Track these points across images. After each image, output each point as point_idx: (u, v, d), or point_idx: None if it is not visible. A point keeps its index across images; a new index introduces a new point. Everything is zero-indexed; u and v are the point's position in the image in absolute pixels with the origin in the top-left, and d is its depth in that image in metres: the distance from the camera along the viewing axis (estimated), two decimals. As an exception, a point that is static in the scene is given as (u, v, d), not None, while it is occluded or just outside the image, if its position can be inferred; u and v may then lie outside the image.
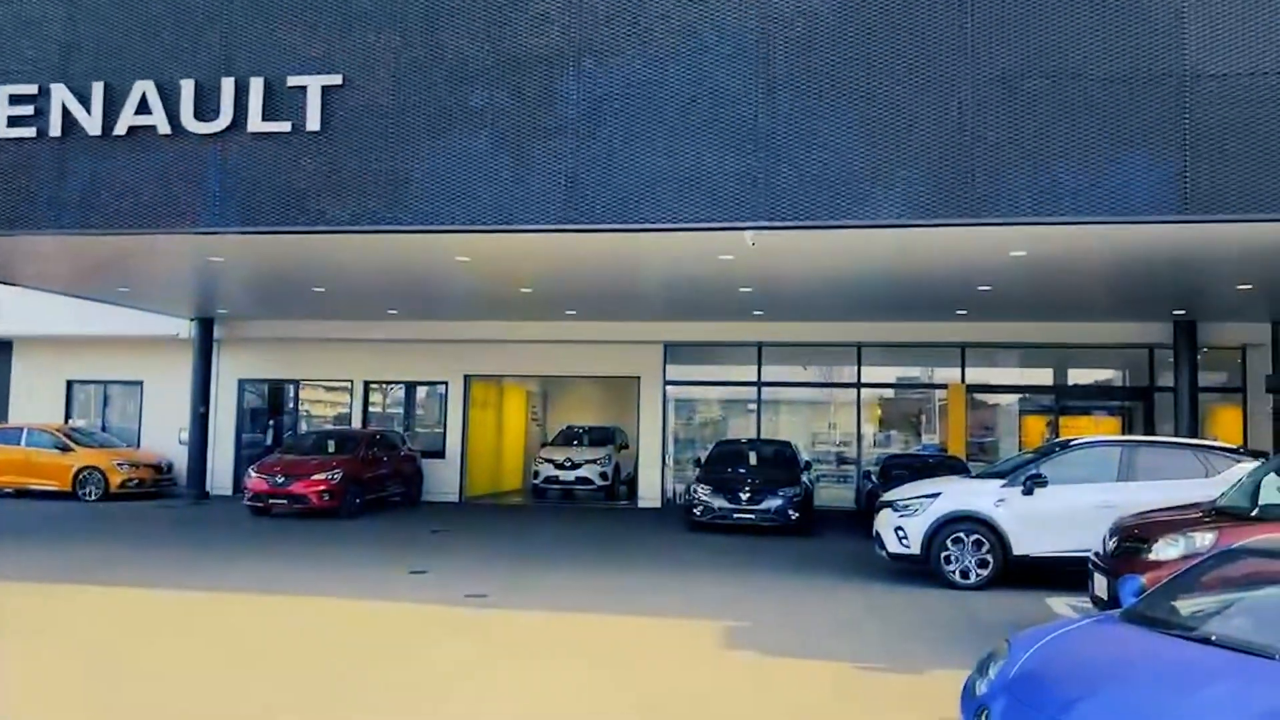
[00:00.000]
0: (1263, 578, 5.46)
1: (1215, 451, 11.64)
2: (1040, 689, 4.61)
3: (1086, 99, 10.07)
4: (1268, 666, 4.46)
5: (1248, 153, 9.86)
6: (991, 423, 22.06)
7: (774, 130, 10.53)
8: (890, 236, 11.12)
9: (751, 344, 20.84)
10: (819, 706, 6.67)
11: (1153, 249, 11.89)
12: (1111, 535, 9.03)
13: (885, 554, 11.96)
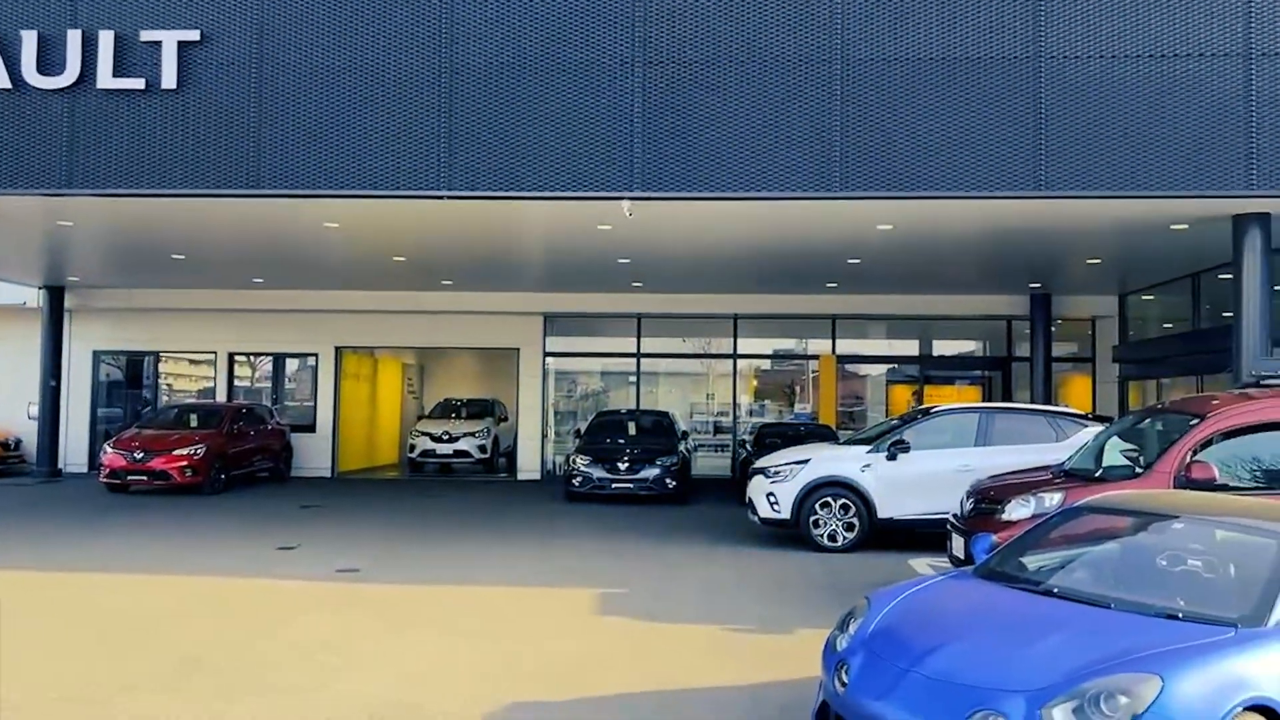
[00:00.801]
0: (1102, 533, 5.81)
1: (1065, 417, 12.31)
2: (896, 642, 4.80)
3: (948, 78, 10.42)
4: (1103, 615, 4.75)
5: (1098, 133, 10.39)
6: (861, 392, 22.78)
7: (650, 102, 10.55)
8: (763, 209, 11.30)
9: (631, 315, 20.94)
10: (690, 668, 6.80)
11: (1010, 224, 12.43)
12: (968, 497, 9.45)
13: (757, 519, 12.25)
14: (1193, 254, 14.24)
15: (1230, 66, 10.28)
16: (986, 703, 4.19)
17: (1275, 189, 10.33)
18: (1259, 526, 5.14)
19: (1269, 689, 4.15)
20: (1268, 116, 10.25)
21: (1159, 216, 11.69)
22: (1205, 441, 8.08)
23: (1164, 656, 4.18)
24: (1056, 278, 17.78)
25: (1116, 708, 3.99)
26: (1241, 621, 4.48)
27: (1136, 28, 10.32)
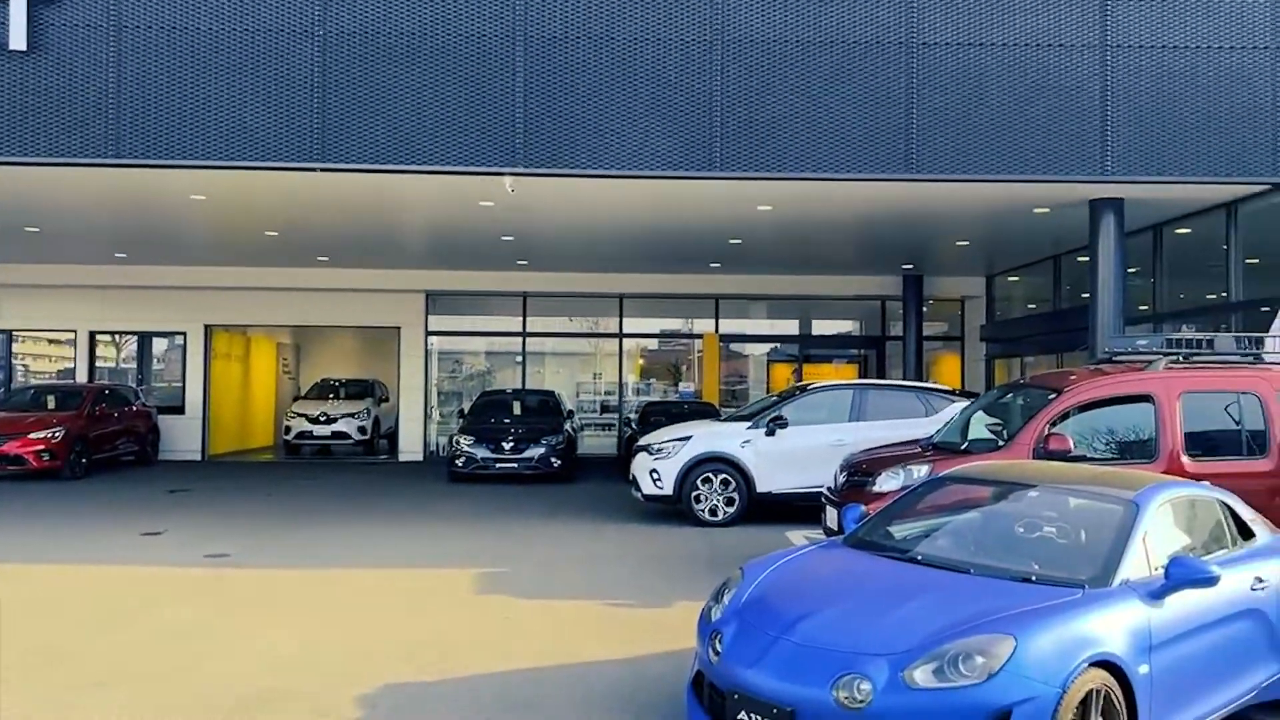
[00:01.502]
0: (964, 502, 6.05)
1: (934, 393, 12.78)
2: (767, 611, 4.90)
3: (825, 62, 10.63)
4: (963, 580, 4.96)
5: (966, 118, 10.76)
6: (744, 370, 23.19)
7: (532, 78, 10.44)
8: (646, 187, 11.34)
9: (516, 294, 20.76)
10: (570, 644, 6.81)
11: (884, 206, 12.79)
12: (842, 470, 9.72)
13: (641, 496, 12.35)
14: (1054, 237, 14.94)
15: (1088, 58, 10.78)
16: (852, 666, 4.33)
17: (1128, 175, 10.92)
18: (1107, 494, 5.44)
19: (1112, 645, 4.40)
20: (1121, 106, 10.79)
21: (1022, 200, 12.21)
22: (1062, 414, 8.48)
23: (1018, 618, 4.38)
24: (928, 259, 18.40)
25: (974, 667, 4.17)
26: (1089, 583, 4.74)
27: (1003, 17, 10.72)
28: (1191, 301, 14.21)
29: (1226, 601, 5.08)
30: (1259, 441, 8.43)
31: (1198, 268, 13.76)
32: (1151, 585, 4.78)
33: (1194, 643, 4.85)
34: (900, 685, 4.21)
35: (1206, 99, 10.85)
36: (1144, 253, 13.93)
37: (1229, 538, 5.61)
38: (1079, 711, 4.21)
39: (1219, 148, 10.88)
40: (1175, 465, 8.16)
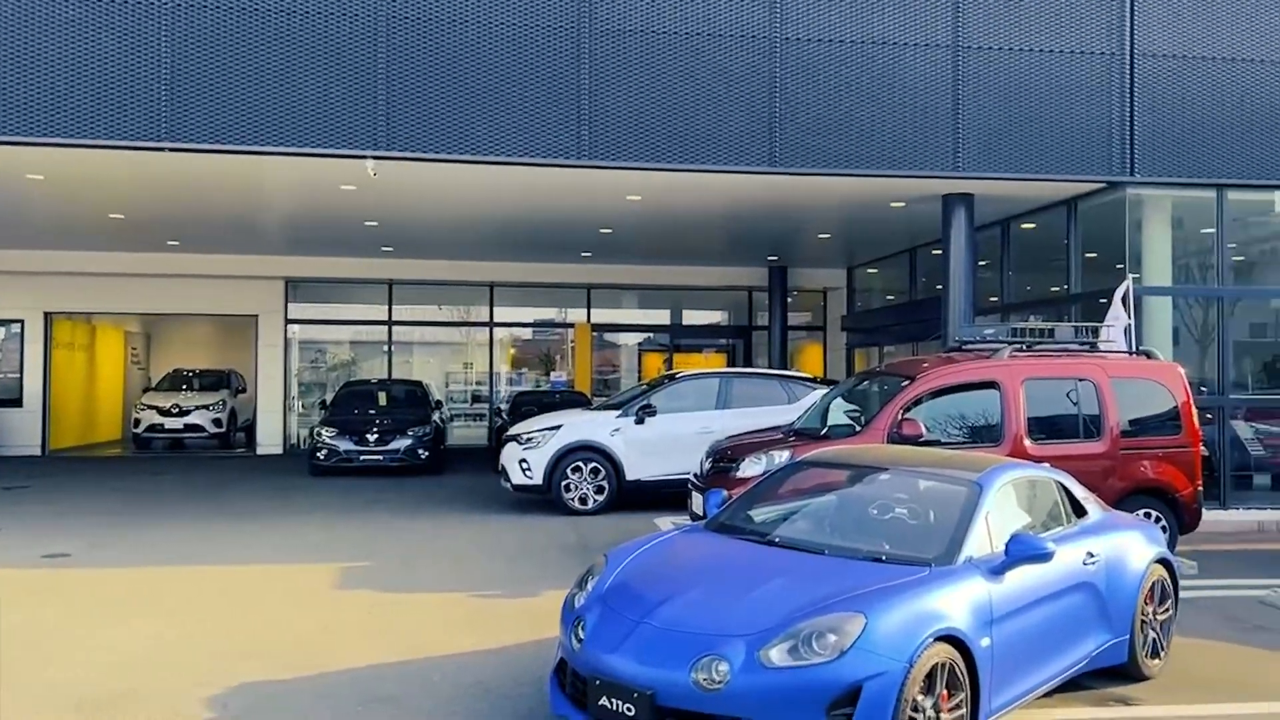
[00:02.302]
0: (820, 486, 6.23)
1: (797, 381, 13.13)
2: (630, 596, 4.94)
3: (691, 53, 10.72)
4: (818, 561, 5.11)
5: (827, 113, 11.04)
6: (616, 360, 23.30)
7: (396, 59, 10.20)
8: (514, 174, 11.22)
9: (381, 281, 20.26)
10: (434, 637, 6.71)
11: (749, 199, 13.01)
12: (707, 457, 9.88)
13: (510, 486, 12.26)
14: (910, 231, 15.50)
15: (941, 58, 11.21)
16: (711, 648, 4.40)
17: (977, 172, 11.42)
18: (952, 476, 5.69)
19: (956, 620, 4.61)
20: (971, 104, 11.28)
21: (880, 195, 12.62)
22: (915, 400, 8.84)
23: (868, 596, 4.54)
24: (792, 251, 18.85)
25: (826, 645, 4.30)
26: (935, 561, 4.95)
27: (862, 16, 11.03)
28: (1036, 293, 14.99)
29: (1061, 576, 5.39)
30: (1094, 425, 8.98)
31: (1042, 261, 14.51)
32: (993, 562, 5.03)
33: (1032, 615, 5.13)
34: (756, 665, 4.30)
35: (1050, 101, 11.44)
36: (993, 246, 14.61)
37: (1064, 516, 5.96)
38: (925, 684, 4.40)
39: (1061, 147, 11.50)
40: (1018, 448, 8.61)
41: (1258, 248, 14.26)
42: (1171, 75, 11.66)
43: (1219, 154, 11.79)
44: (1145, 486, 8.94)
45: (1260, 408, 12.90)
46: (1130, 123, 11.57)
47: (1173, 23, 11.66)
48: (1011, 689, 4.97)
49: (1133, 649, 5.84)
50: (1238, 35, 11.76)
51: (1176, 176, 11.79)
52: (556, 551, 9.74)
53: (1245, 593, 8.28)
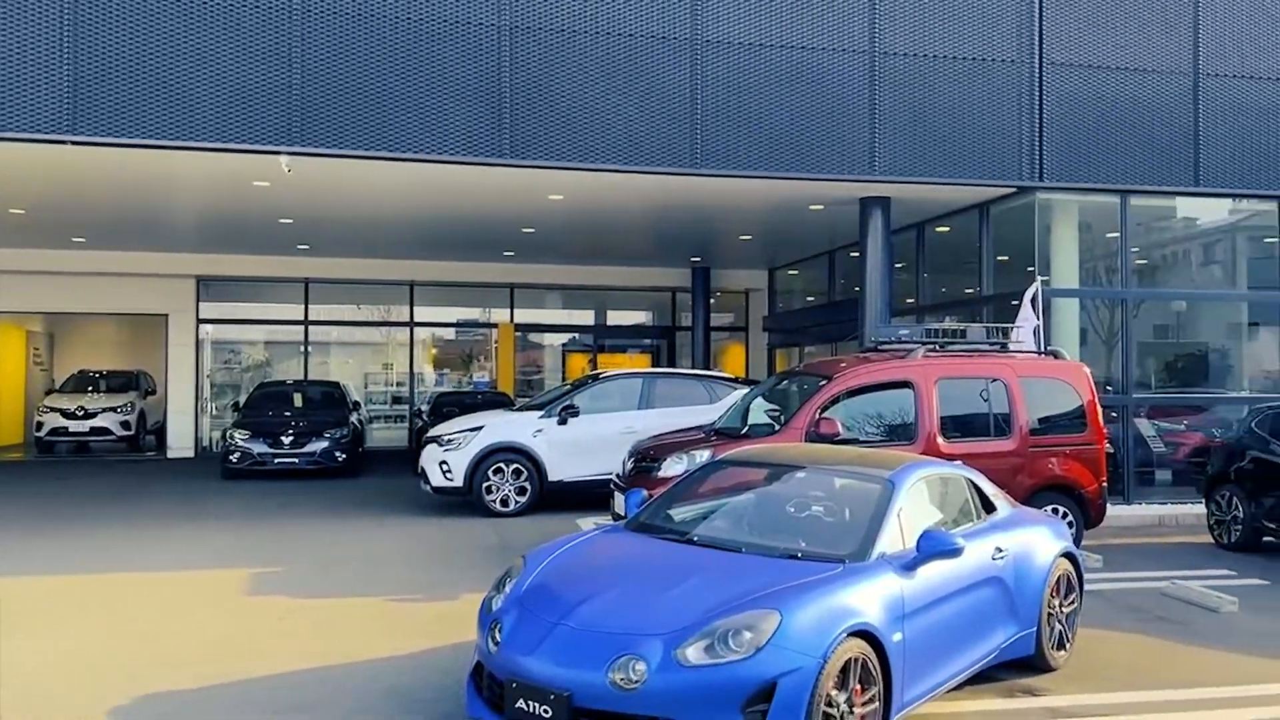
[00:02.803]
0: (739, 485, 6.28)
1: (718, 381, 13.22)
2: (548, 598, 4.90)
3: (613, 53, 10.73)
4: (735, 559, 5.14)
5: (748, 115, 11.14)
6: (540, 360, 23.18)
7: (310, 52, 9.99)
8: (433, 172, 11.08)
9: (298, 280, 19.83)
10: (347, 643, 6.57)
11: (672, 200, 13.07)
12: (630, 457, 9.88)
13: (430, 488, 12.10)
14: (829, 233, 15.74)
15: (857, 62, 11.40)
16: (628, 648, 4.39)
17: (893, 175, 11.65)
18: (866, 474, 5.79)
19: (869, 616, 4.67)
20: (887, 109, 11.49)
21: (800, 197, 12.79)
22: (832, 400, 8.96)
23: (783, 594, 4.58)
24: (715, 253, 18.99)
25: (742, 642, 4.33)
26: (849, 558, 5.02)
27: (780, 19, 11.16)
28: (951, 295, 15.35)
29: (971, 571, 5.51)
30: (1005, 423, 9.23)
31: (956, 263, 14.86)
32: (905, 558, 5.12)
33: (942, 610, 5.23)
34: (673, 664, 4.31)
35: (964, 107, 11.72)
36: (909, 249, 14.92)
37: (974, 512, 6.10)
38: (839, 679, 4.45)
39: (974, 153, 11.79)
40: (932, 446, 8.80)
41: (1160, 252, 14.83)
42: (1078, 84, 12.04)
43: (1122, 161, 12.22)
44: (1053, 483, 9.22)
45: (1162, 406, 13.42)
46: (1039, 129, 11.93)
47: (1080, 33, 12.05)
48: (923, 682, 5.06)
49: (1039, 641, 6.01)
50: (1140, 47, 12.20)
51: (1082, 182, 12.19)
52: (476, 554, 9.65)
53: (1147, 585, 8.58)
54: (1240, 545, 10.00)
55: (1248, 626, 7.34)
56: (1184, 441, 13.22)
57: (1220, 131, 12.44)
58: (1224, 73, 12.40)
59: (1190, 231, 14.64)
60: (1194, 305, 14.37)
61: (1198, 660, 6.52)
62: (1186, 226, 14.49)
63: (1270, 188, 12.70)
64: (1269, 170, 12.61)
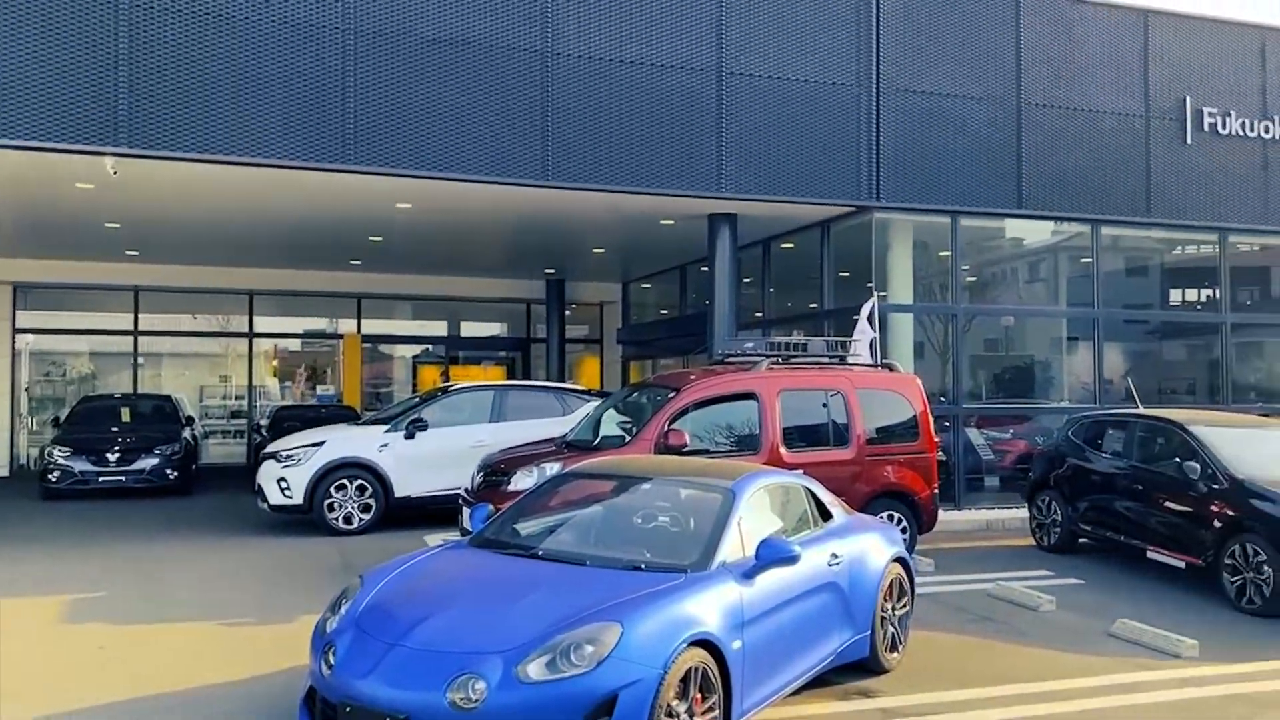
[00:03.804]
0: (587, 497, 6.27)
1: (571, 393, 13.20)
2: (385, 618, 4.76)
3: (462, 61, 10.61)
4: (579, 572, 5.13)
5: (600, 129, 11.20)
6: (390, 372, 22.62)
7: (139, 50, 9.49)
8: (272, 177, 10.67)
9: (126, 288, 18.73)
10: (174, 671, 6.21)
11: (524, 211, 13.01)
12: (479, 471, 9.74)
13: (268, 507, 11.61)
14: (679, 248, 15.98)
15: (705, 81, 11.64)
16: (468, 666, 4.31)
17: (740, 193, 11.93)
18: (709, 484, 5.88)
19: (709, 624, 4.74)
20: (734, 128, 11.77)
21: (651, 212, 12.94)
22: (681, 411, 9.09)
23: (625, 605, 4.59)
24: (569, 265, 19.01)
25: (584, 656, 4.31)
26: (691, 568, 5.08)
27: (631, 36, 11.29)
28: (796, 309, 15.83)
29: (808, 577, 5.66)
30: (843, 433, 9.56)
31: (800, 278, 15.34)
32: (745, 566, 5.22)
33: (781, 616, 5.35)
34: (514, 681, 4.25)
35: (807, 127, 12.12)
36: (756, 264, 15.31)
37: (811, 520, 6.28)
38: (680, 688, 4.49)
39: (815, 172, 12.20)
40: (775, 456, 9.03)
41: (990, 269, 15.72)
42: (912, 109, 12.64)
43: (953, 183, 12.88)
44: (888, 490, 9.61)
45: (990, 415, 14.19)
46: (876, 152, 12.45)
47: (914, 61, 12.65)
48: (763, 688, 5.17)
49: (874, 644, 6.22)
50: (969, 76, 12.90)
51: (916, 203, 12.78)
52: (316, 574, 9.30)
53: (975, 586, 9.02)
54: (1059, 547, 10.65)
55: (1063, 623, 7.81)
56: (1010, 449, 14.01)
57: (1040, 157, 13.28)
58: (1043, 102, 13.25)
59: (1017, 251, 15.58)
60: (1020, 320, 15.28)
61: (1018, 657, 6.90)
62: (1014, 246, 15.40)
63: (1084, 211, 13.64)
64: (1083, 195, 13.55)
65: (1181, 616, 7.95)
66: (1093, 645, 7.19)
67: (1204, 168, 14.08)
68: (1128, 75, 13.68)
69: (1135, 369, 14.71)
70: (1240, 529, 8.33)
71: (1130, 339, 15.31)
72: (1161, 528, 9.21)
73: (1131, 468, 9.80)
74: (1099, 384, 13.96)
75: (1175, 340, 16.42)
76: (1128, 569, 9.76)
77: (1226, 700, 6.07)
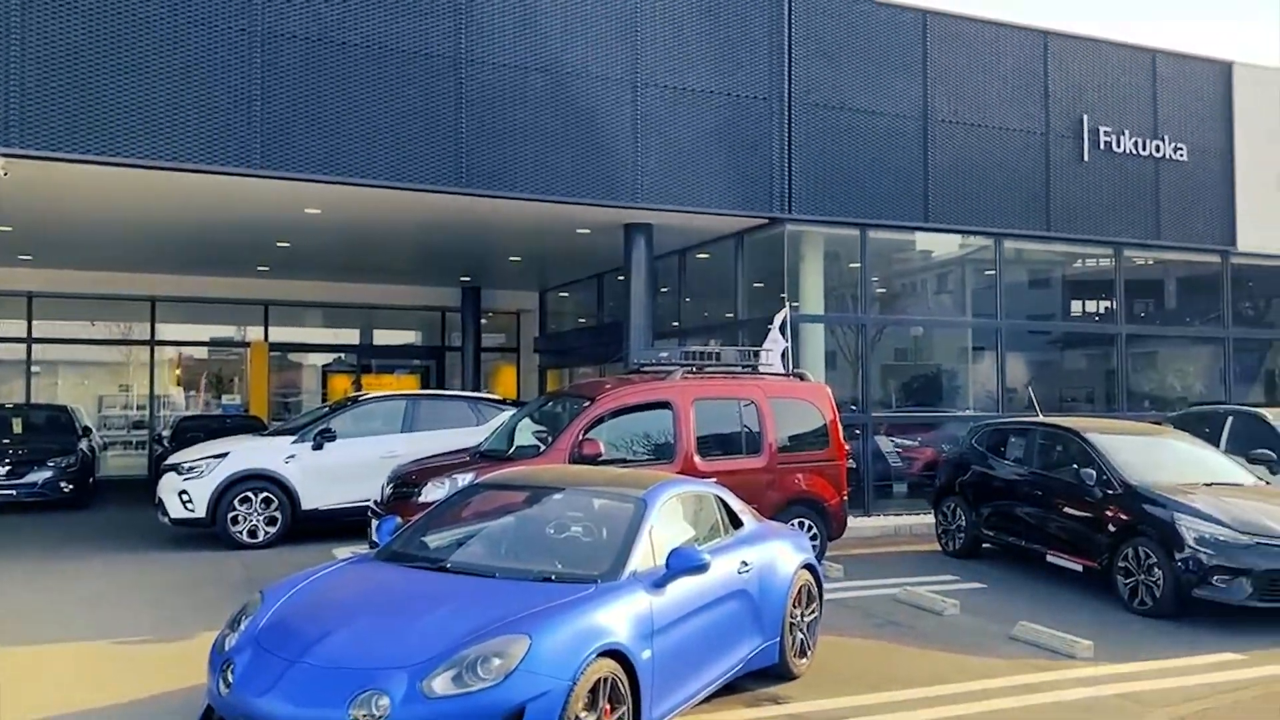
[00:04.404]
0: (499, 508, 6.22)
1: (485, 402, 13.07)
2: (286, 635, 4.64)
3: (374, 65, 10.46)
4: (489, 585, 5.07)
5: (514, 137, 11.15)
6: (299, 381, 22.11)
7: (32, 48, 9.13)
8: (173, 180, 10.34)
9: (19, 294, 17.92)
10: (59, 695, 5.95)
11: (438, 218, 12.86)
12: (389, 482, 9.57)
13: (168, 520, 11.23)
14: (597, 256, 15.98)
15: (621, 91, 11.68)
16: (371, 683, 4.23)
17: (655, 204, 11.99)
18: (621, 494, 5.87)
19: (618, 635, 4.73)
20: (651, 138, 11.83)
21: (567, 221, 12.92)
22: (596, 421, 9.07)
23: (534, 617, 4.56)
24: (485, 273, 18.85)
25: (491, 670, 4.26)
26: (601, 578, 5.07)
27: (546, 43, 11.27)
28: (712, 319, 15.96)
29: (718, 585, 5.70)
30: (756, 442, 9.66)
31: (716, 289, 15.48)
32: (655, 575, 5.22)
33: (691, 625, 5.37)
34: (419, 696, 4.18)
35: (720, 140, 12.24)
36: (672, 274, 15.40)
37: (722, 528, 6.32)
38: (589, 699, 4.47)
39: (729, 184, 12.33)
40: (689, 465, 9.08)
41: (900, 281, 16.09)
42: (823, 123, 12.87)
43: (862, 196, 13.15)
44: (799, 497, 9.74)
45: (898, 423, 14.51)
46: (788, 165, 12.64)
47: (825, 76, 12.88)
48: (672, 697, 5.18)
49: (783, 650, 6.29)
50: (878, 91, 13.19)
51: (827, 215, 13.01)
52: (218, 589, 9.01)
53: (883, 591, 9.20)
54: (963, 552, 10.93)
55: (967, 626, 8.01)
56: (918, 456, 14.34)
57: (947, 172, 13.64)
58: (950, 119, 13.63)
59: (926, 263, 15.98)
60: (928, 330, 15.65)
61: (923, 661, 7.05)
62: (923, 258, 15.80)
63: (988, 225, 14.05)
64: (987, 209, 13.96)
65: (1078, 618, 8.22)
66: (994, 648, 7.39)
67: (1100, 184, 14.65)
68: (1029, 94, 14.16)
69: (1037, 378, 15.21)
70: (1133, 533, 8.66)
71: (1033, 349, 15.82)
72: (1060, 532, 9.52)
73: (1032, 474, 10.12)
74: (1002, 392, 14.39)
75: (1075, 350, 17.03)
76: (1028, 573, 10.06)
77: (1118, 699, 6.29)
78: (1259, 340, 17.14)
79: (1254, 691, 6.41)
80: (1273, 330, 17.54)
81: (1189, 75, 15.32)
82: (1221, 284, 15.92)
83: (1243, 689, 6.49)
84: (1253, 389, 16.76)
